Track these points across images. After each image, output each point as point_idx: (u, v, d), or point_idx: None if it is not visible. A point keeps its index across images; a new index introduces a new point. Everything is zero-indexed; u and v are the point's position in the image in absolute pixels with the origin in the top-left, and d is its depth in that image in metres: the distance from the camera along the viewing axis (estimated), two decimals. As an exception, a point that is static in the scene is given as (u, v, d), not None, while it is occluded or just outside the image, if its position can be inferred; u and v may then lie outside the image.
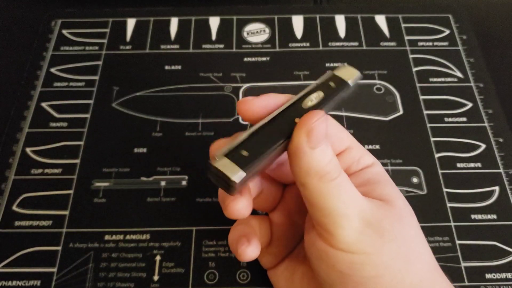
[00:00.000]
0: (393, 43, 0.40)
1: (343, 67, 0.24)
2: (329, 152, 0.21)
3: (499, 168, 0.33)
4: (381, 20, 0.42)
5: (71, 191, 0.32)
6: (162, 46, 0.40)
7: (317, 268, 0.22)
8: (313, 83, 0.24)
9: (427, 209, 0.32)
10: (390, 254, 0.21)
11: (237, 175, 0.20)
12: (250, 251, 0.24)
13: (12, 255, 0.30)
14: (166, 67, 0.39)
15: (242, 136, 0.21)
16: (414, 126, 0.36)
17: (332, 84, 0.23)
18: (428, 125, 0.36)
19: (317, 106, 0.22)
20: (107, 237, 0.30)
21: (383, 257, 0.21)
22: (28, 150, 0.34)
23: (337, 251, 0.21)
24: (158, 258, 0.30)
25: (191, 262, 0.29)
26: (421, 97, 0.37)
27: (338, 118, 0.36)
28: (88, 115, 0.36)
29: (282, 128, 0.21)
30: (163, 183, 0.33)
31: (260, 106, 0.22)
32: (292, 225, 0.26)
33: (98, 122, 0.36)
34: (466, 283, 0.29)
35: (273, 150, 0.21)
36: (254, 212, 0.26)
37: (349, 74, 0.24)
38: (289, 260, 0.26)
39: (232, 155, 0.20)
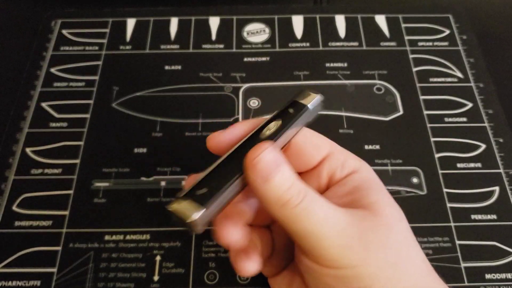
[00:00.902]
0: (393, 43, 0.40)
1: (303, 91, 0.24)
2: (285, 178, 0.21)
3: (499, 168, 0.33)
4: (381, 20, 0.42)
5: (71, 191, 0.32)
6: (162, 46, 0.40)
7: (306, 281, 0.23)
8: (273, 112, 0.23)
9: (427, 209, 0.32)
10: (378, 264, 0.20)
11: (194, 214, 0.20)
12: (249, 266, 0.23)
13: (12, 255, 0.30)
14: (166, 67, 0.39)
15: (200, 176, 0.21)
16: (414, 126, 0.36)
17: (291, 110, 0.23)
18: (428, 125, 0.36)
19: (275, 134, 0.22)
20: (107, 237, 0.30)
21: (370, 268, 0.20)
22: (28, 150, 0.34)
23: (322, 268, 0.21)
24: (158, 258, 0.30)
25: (191, 262, 0.29)
26: (421, 97, 0.37)
27: (338, 118, 0.36)
28: (88, 115, 0.36)
29: (238, 162, 0.21)
30: (163, 183, 0.33)
31: (228, 139, 0.23)
32: None
33: (98, 122, 0.36)
34: (466, 284, 0.29)
35: (231, 184, 0.21)
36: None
37: (309, 98, 0.24)
38: (288, 270, 0.26)
39: (190, 195, 0.20)
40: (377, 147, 0.34)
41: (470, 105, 0.37)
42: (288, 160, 0.22)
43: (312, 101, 0.24)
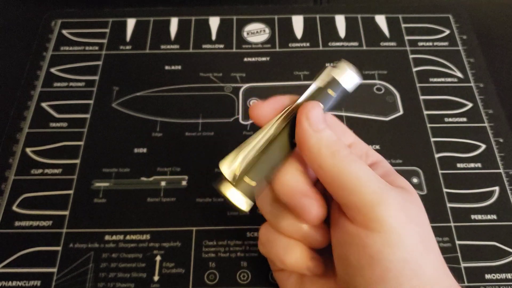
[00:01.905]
0: (393, 43, 0.40)
1: (343, 68, 0.23)
2: (332, 134, 0.22)
3: (499, 169, 0.33)
4: (381, 20, 0.42)
5: (71, 191, 0.32)
6: (162, 46, 0.40)
7: (346, 253, 0.22)
8: (312, 85, 0.24)
9: (427, 209, 0.31)
10: (416, 238, 0.20)
11: (245, 205, 0.22)
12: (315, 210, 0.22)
13: (12, 255, 0.30)
14: (166, 67, 0.39)
15: (248, 155, 0.22)
16: (414, 126, 0.36)
17: (330, 92, 0.23)
18: (428, 125, 0.36)
19: None
20: (107, 237, 0.30)
21: (411, 239, 0.20)
22: (28, 150, 0.34)
23: (369, 233, 0.20)
24: (158, 258, 0.30)
25: (191, 262, 0.29)
26: (421, 97, 0.37)
27: (338, 118, 0.36)
28: (88, 115, 0.36)
29: (283, 145, 0.22)
30: (163, 183, 0.33)
31: (270, 109, 0.23)
32: None
33: (98, 122, 0.36)
34: (466, 284, 0.29)
35: (276, 168, 0.22)
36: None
37: (350, 79, 0.23)
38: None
39: (240, 184, 0.22)
40: (377, 147, 0.34)
41: (470, 105, 0.37)
42: None
43: (353, 84, 0.24)
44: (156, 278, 0.29)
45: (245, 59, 0.39)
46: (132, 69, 0.39)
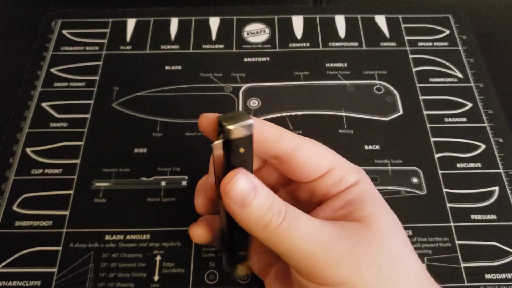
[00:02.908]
0: (393, 43, 0.40)
1: (229, 129, 0.20)
2: (262, 200, 0.20)
3: (499, 169, 0.33)
4: (381, 20, 0.42)
5: (71, 191, 0.32)
6: (162, 46, 0.40)
7: None
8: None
9: (427, 210, 0.32)
10: (371, 279, 0.20)
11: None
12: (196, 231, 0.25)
13: (13, 255, 0.30)
14: (166, 67, 0.39)
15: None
16: (414, 127, 0.36)
17: (241, 150, 0.21)
18: (428, 125, 0.36)
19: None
20: (107, 237, 0.30)
21: (364, 283, 0.20)
22: (28, 150, 0.34)
23: (315, 285, 0.21)
24: (158, 258, 0.30)
25: (191, 262, 0.29)
26: (421, 97, 0.37)
27: (338, 118, 0.36)
28: (88, 115, 0.36)
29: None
30: (163, 183, 0.33)
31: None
32: None
33: (98, 122, 0.36)
34: (466, 284, 0.29)
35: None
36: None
37: (243, 128, 0.20)
38: (279, 265, 0.26)
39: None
40: (377, 147, 0.34)
41: (470, 105, 0.37)
42: (287, 170, 0.23)
43: (248, 128, 0.20)
44: (156, 278, 0.29)
45: (245, 59, 0.39)
46: (132, 69, 0.39)
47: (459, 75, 0.39)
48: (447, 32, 0.41)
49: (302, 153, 0.23)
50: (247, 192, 0.20)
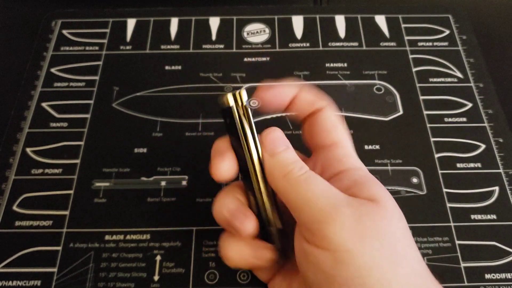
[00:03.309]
0: (393, 43, 0.40)
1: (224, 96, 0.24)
2: (289, 155, 0.23)
3: (499, 168, 0.33)
4: (381, 20, 0.42)
5: (71, 191, 0.32)
6: (162, 46, 0.40)
7: (305, 271, 0.22)
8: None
9: (426, 209, 0.32)
10: (373, 253, 0.20)
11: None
12: (249, 225, 0.24)
13: (13, 255, 0.30)
14: (166, 67, 0.39)
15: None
16: (414, 126, 0.36)
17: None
18: (428, 125, 0.36)
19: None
20: (107, 237, 0.30)
21: (365, 256, 0.20)
22: (28, 150, 0.34)
23: (321, 251, 0.21)
24: (158, 258, 0.30)
25: (191, 262, 0.29)
26: (421, 97, 0.37)
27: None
28: (88, 115, 0.36)
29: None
30: (163, 183, 0.33)
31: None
32: None
33: (98, 122, 0.36)
34: (466, 283, 0.29)
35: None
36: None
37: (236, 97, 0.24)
38: (285, 271, 0.26)
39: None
40: (377, 147, 0.34)
41: (470, 105, 0.37)
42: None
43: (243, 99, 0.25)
44: (156, 278, 0.29)
45: (245, 59, 0.39)
46: (132, 69, 0.39)
47: (459, 75, 0.39)
48: (447, 32, 0.41)
49: (325, 115, 0.26)
50: (278, 144, 0.23)
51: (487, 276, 0.29)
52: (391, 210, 0.22)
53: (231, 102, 0.24)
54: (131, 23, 0.42)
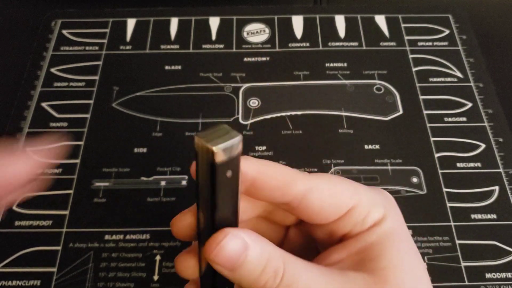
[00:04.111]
0: (393, 43, 0.40)
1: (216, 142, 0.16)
2: (256, 262, 0.18)
3: (499, 168, 0.33)
4: (381, 20, 0.42)
5: (71, 191, 0.32)
6: (162, 46, 0.40)
7: None
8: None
9: (427, 209, 0.32)
10: None
11: None
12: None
13: (12, 255, 0.30)
14: (166, 67, 0.39)
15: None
16: (414, 126, 0.36)
17: (228, 174, 0.17)
18: (428, 125, 0.36)
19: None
20: (107, 237, 0.30)
21: None
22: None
23: None
24: (158, 258, 0.30)
25: (191, 262, 0.29)
26: (421, 97, 0.37)
27: (338, 118, 0.36)
28: (88, 115, 0.36)
29: None
30: (163, 183, 0.33)
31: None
32: None
33: (98, 122, 0.36)
34: (466, 283, 0.29)
35: None
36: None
37: (233, 146, 0.16)
38: None
39: None
40: (377, 147, 0.34)
41: (469, 105, 0.37)
42: (300, 214, 0.20)
43: (237, 146, 0.16)
44: (155, 277, 0.29)
45: (245, 59, 0.39)
46: (132, 69, 0.39)
47: (459, 74, 0.39)
48: (447, 31, 0.41)
49: (316, 195, 0.19)
50: (236, 255, 0.17)
51: (488, 275, 0.29)
52: (403, 284, 0.18)
53: (221, 157, 0.16)
54: (131, 23, 0.42)
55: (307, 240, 0.23)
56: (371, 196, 0.21)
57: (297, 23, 0.42)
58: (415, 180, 0.33)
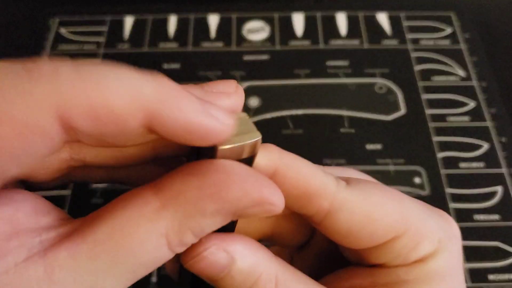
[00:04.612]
0: (394, 41, 0.40)
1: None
2: (245, 275, 0.15)
3: (502, 168, 0.33)
4: (382, 18, 0.42)
5: (69, 192, 0.32)
6: (161, 44, 0.40)
7: None
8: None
9: (429, 210, 0.31)
10: None
11: None
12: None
13: (9, 256, 0.29)
14: (165, 66, 0.38)
15: None
16: (416, 126, 0.35)
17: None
18: (431, 124, 0.35)
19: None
20: (105, 238, 0.30)
21: None
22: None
23: None
24: (157, 259, 0.29)
25: (190, 263, 0.29)
26: (423, 96, 0.37)
27: (339, 117, 0.35)
28: (86, 114, 0.36)
29: None
30: (162, 183, 0.32)
31: None
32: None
33: (96, 122, 0.35)
34: (469, 284, 0.28)
35: None
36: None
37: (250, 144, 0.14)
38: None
39: None
40: (379, 146, 0.34)
41: (473, 104, 0.36)
42: (324, 232, 0.16)
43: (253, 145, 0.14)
44: (154, 279, 0.29)
45: (245, 58, 0.39)
46: (130, 68, 0.38)
47: (462, 73, 0.38)
48: (450, 30, 0.41)
49: (345, 216, 0.15)
50: (217, 270, 0.15)
51: (491, 277, 0.29)
52: None
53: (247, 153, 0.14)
54: (129, 21, 0.41)
55: (326, 257, 0.19)
56: (425, 223, 0.16)
57: (298, 20, 0.41)
58: (417, 180, 0.33)
